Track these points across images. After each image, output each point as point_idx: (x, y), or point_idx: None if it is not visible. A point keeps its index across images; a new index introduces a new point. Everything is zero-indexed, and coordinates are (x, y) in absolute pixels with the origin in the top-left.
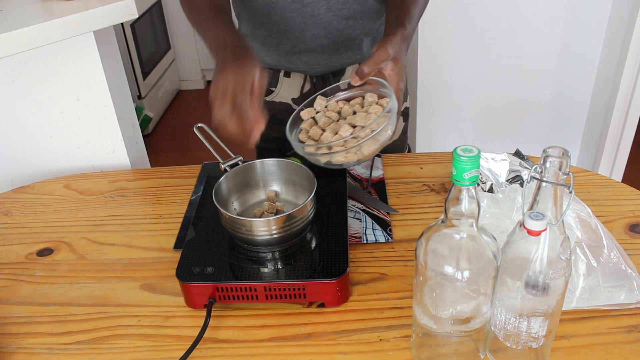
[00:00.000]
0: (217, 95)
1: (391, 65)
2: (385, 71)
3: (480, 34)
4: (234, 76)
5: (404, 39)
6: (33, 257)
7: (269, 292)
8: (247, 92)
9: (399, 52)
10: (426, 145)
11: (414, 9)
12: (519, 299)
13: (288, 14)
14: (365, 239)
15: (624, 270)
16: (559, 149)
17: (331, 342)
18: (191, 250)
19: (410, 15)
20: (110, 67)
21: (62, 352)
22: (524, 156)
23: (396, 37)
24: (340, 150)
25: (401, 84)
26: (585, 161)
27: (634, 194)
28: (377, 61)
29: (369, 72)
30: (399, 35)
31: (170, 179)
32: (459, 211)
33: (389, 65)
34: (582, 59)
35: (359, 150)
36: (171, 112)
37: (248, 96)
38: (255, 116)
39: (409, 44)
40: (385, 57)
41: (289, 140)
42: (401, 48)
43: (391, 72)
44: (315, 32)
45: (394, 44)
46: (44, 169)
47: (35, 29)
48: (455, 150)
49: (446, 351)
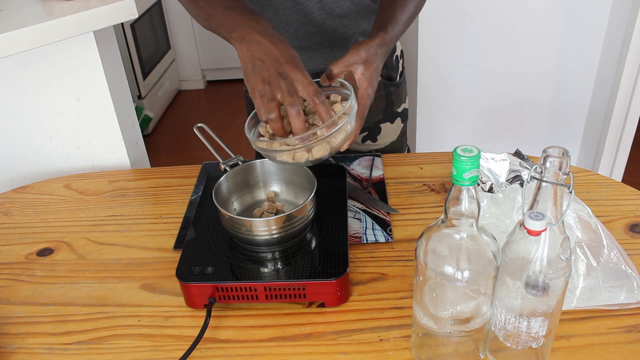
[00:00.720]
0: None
1: (362, 69)
2: (355, 74)
3: (480, 34)
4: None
5: (382, 43)
6: (33, 257)
7: (269, 292)
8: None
9: (373, 56)
10: (426, 145)
11: (400, 14)
12: (519, 299)
13: (282, 12)
14: (365, 239)
15: (624, 270)
16: (559, 149)
17: (331, 342)
18: (191, 250)
19: (395, 19)
20: (110, 67)
21: (62, 352)
22: (524, 156)
23: (374, 41)
24: (287, 149)
25: (369, 89)
26: (585, 161)
27: (634, 194)
28: (346, 63)
29: (337, 74)
30: (378, 39)
31: (170, 179)
32: (459, 211)
33: (360, 68)
34: (582, 59)
35: (310, 152)
36: (171, 112)
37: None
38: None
39: (389, 48)
40: (355, 60)
41: (245, 134)
42: (377, 52)
43: (361, 76)
44: (309, 30)
45: (369, 47)
46: (44, 169)
47: (35, 29)
48: (455, 150)
49: (446, 351)
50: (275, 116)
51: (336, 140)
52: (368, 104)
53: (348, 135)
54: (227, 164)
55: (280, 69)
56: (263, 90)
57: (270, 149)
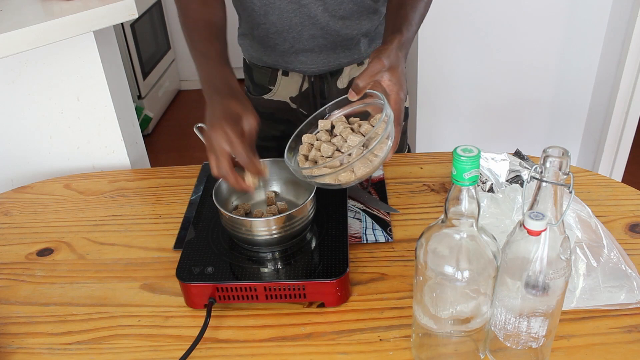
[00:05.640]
0: (213, 153)
1: (388, 76)
2: (383, 82)
3: (481, 34)
4: (226, 130)
5: (400, 46)
6: (33, 257)
7: (269, 292)
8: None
9: (396, 60)
10: (426, 145)
11: (412, 14)
12: (519, 299)
13: (285, 15)
14: (365, 239)
15: (624, 270)
16: (559, 149)
17: (331, 342)
18: (191, 250)
19: (409, 20)
20: (110, 67)
21: (62, 352)
22: (524, 156)
23: (392, 46)
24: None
25: (401, 93)
26: (585, 161)
27: (634, 194)
28: (371, 74)
29: (364, 86)
30: (395, 42)
31: (170, 179)
32: (459, 211)
33: (386, 75)
34: (582, 59)
35: (353, 171)
36: (171, 112)
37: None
38: (255, 169)
39: (407, 50)
40: (379, 69)
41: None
42: (398, 56)
43: (389, 83)
44: (313, 33)
45: (389, 53)
46: (44, 169)
47: (35, 29)
48: (455, 150)
49: (446, 351)
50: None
51: (381, 154)
52: (403, 108)
53: (391, 145)
54: None
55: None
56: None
57: (311, 175)
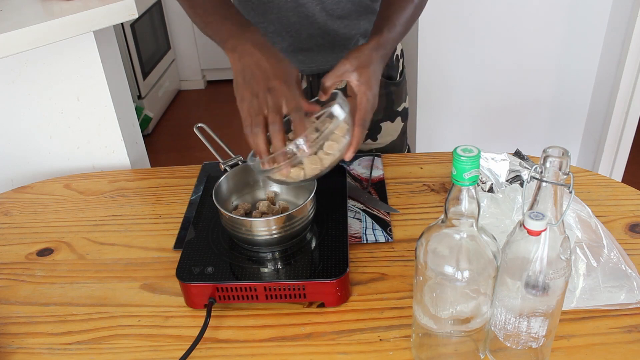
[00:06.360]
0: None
1: (356, 76)
2: (351, 82)
3: (481, 34)
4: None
5: (378, 46)
6: (33, 257)
7: (269, 292)
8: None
9: (366, 60)
10: (426, 145)
11: (397, 16)
12: (519, 299)
13: (284, 14)
14: (365, 239)
15: (624, 270)
16: (559, 149)
17: (331, 342)
18: (191, 250)
19: (392, 21)
20: (110, 67)
21: (62, 352)
22: (524, 156)
23: (367, 46)
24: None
25: (369, 93)
26: (585, 161)
27: (634, 194)
28: (337, 74)
29: (330, 85)
30: (372, 43)
31: (170, 179)
32: (459, 211)
33: (354, 75)
34: (582, 59)
35: (303, 168)
36: (171, 112)
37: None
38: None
39: (387, 51)
40: (345, 69)
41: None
42: (371, 56)
43: (357, 83)
44: (311, 32)
45: (360, 53)
46: (44, 169)
47: (35, 29)
48: (455, 150)
49: (446, 351)
50: (258, 130)
51: (332, 152)
52: (369, 109)
53: (345, 146)
54: (227, 164)
55: (269, 84)
56: (250, 103)
57: (260, 169)
